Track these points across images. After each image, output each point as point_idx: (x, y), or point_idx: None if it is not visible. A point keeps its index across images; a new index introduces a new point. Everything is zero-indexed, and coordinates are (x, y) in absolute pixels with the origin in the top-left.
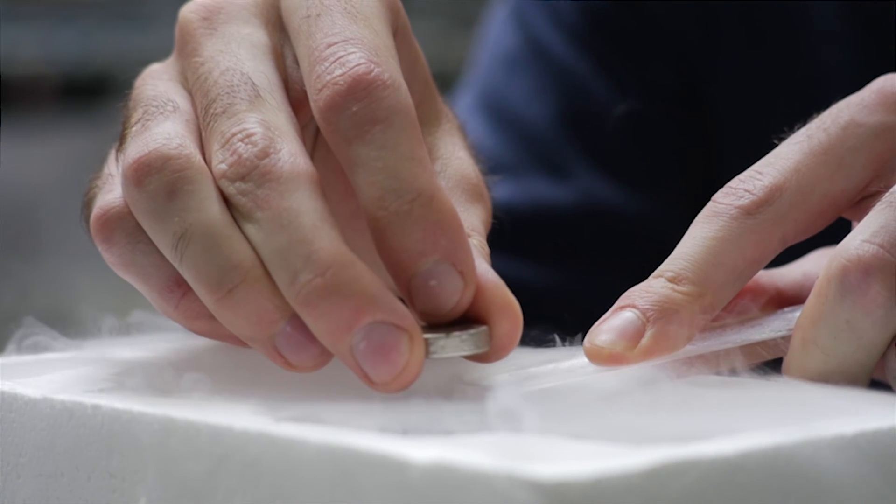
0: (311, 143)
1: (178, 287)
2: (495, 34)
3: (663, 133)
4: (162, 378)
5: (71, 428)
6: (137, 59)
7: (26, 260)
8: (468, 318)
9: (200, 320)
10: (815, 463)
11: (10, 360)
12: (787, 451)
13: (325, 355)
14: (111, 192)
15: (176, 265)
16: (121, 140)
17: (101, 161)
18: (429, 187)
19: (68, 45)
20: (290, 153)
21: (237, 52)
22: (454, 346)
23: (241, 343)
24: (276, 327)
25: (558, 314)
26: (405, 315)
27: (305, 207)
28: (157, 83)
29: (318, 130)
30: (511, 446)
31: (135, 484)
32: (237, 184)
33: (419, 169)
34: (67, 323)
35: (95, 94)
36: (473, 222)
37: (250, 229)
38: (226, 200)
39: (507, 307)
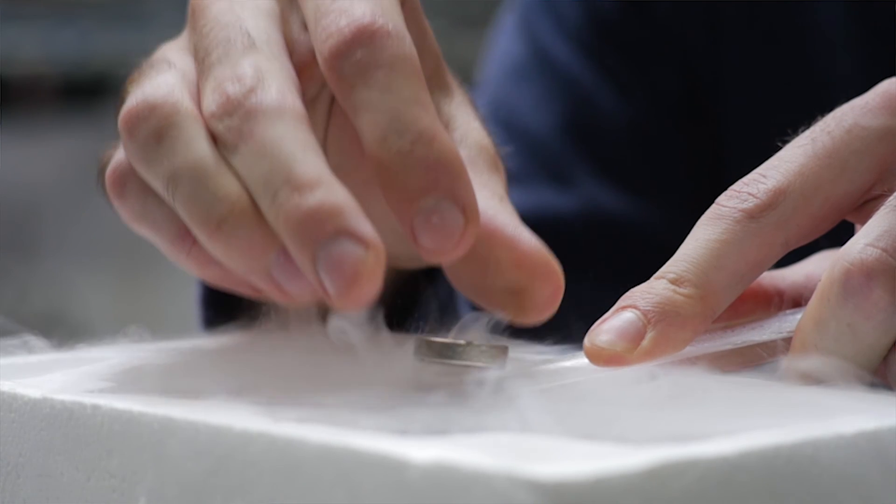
0: (324, 113)
1: (188, 235)
2: (503, 44)
3: (669, 140)
4: (162, 378)
5: (71, 428)
6: (137, 60)
7: (26, 260)
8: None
9: (210, 266)
10: (815, 463)
11: (10, 360)
12: (787, 451)
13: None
14: (122, 152)
15: (173, 208)
16: (120, 102)
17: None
18: (431, 128)
19: (68, 45)
20: (279, 91)
21: (240, 13)
22: (473, 354)
23: (251, 290)
24: (268, 257)
25: (562, 321)
26: (370, 232)
27: (289, 137)
28: (162, 51)
29: (331, 101)
30: (511, 446)
31: (135, 484)
32: (224, 121)
33: (421, 111)
34: (67, 323)
35: (95, 94)
36: (499, 190)
37: (236, 161)
38: (216, 141)
39: (549, 271)
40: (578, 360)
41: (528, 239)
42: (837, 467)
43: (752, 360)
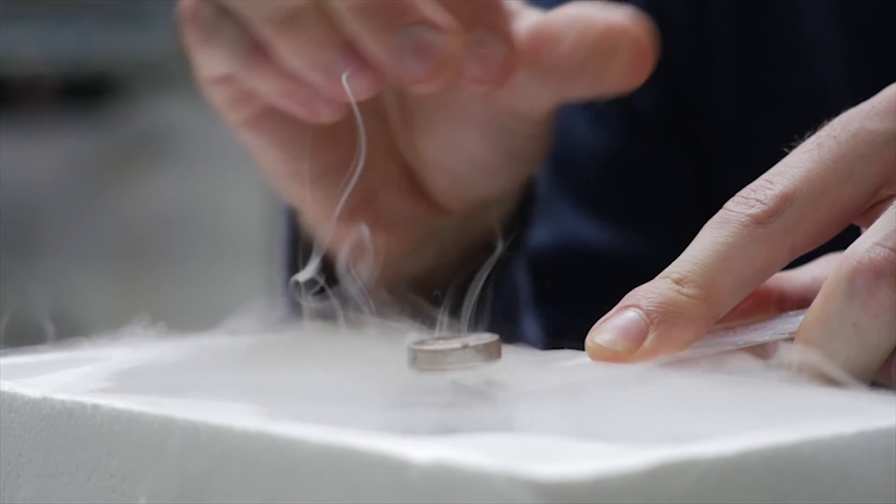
0: None
1: (258, 49)
2: None
3: (652, 165)
4: (162, 378)
5: (71, 428)
6: (137, 60)
7: (26, 260)
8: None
9: (280, 79)
10: (815, 463)
11: (10, 360)
12: (787, 451)
13: (379, 81)
14: None
15: (244, 17)
16: None
17: (104, 164)
18: None
19: (68, 45)
20: None
21: None
22: (468, 357)
23: (312, 111)
24: (331, 52)
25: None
26: (444, 20)
27: None
28: None
29: None
30: (511, 446)
31: (135, 484)
32: None
33: None
34: (67, 323)
35: (95, 94)
36: None
37: None
38: None
39: (637, 34)
40: (579, 360)
41: (615, 15)
42: (837, 467)
43: (754, 360)
